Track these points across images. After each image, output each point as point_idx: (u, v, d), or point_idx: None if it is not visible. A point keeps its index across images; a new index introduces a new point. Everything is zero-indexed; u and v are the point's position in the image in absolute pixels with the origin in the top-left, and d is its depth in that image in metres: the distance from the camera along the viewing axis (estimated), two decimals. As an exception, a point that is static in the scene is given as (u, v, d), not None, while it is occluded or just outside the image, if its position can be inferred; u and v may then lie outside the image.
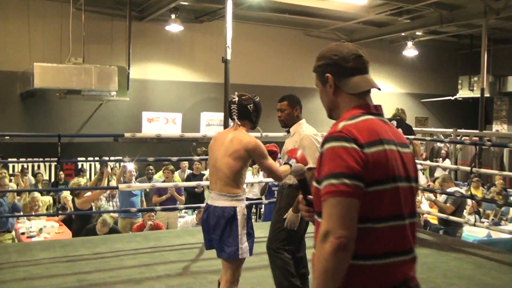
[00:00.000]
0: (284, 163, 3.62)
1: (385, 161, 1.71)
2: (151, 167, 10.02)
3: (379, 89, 1.92)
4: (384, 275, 1.70)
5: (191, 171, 10.85)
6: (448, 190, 7.45)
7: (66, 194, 9.15)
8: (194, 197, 9.88)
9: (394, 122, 7.48)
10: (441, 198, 7.34)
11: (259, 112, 3.76)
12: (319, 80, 1.96)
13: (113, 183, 11.11)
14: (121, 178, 8.60)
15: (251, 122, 3.73)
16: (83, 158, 12.29)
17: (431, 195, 7.57)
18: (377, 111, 1.88)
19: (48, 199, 9.77)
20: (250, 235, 3.51)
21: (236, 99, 3.68)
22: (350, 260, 1.64)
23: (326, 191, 1.65)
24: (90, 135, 14.27)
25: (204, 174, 9.78)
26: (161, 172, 9.92)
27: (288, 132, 4.19)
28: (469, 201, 8.27)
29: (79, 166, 13.71)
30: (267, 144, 3.80)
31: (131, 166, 8.61)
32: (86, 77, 12.27)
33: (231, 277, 3.45)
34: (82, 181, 8.99)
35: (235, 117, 3.65)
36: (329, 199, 1.64)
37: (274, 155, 3.80)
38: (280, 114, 4.20)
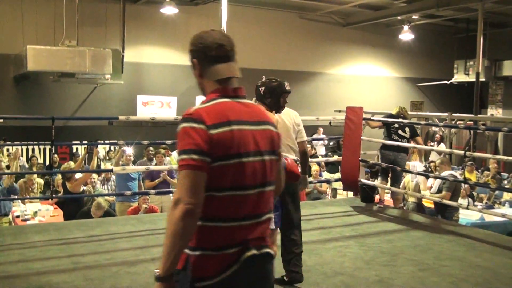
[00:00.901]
0: None
1: (230, 141, 1.96)
2: (151, 148, 9.97)
3: (239, 77, 2.15)
4: (225, 236, 1.97)
5: None
6: (443, 174, 7.49)
7: (59, 177, 9.16)
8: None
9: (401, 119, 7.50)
10: (436, 182, 7.38)
11: (272, 96, 4.02)
12: (191, 63, 2.20)
13: (108, 166, 11.12)
14: (120, 162, 8.60)
15: (264, 104, 3.91)
16: (78, 142, 12.25)
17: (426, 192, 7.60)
18: (235, 93, 2.09)
19: (42, 182, 9.78)
20: (277, 208, 3.63)
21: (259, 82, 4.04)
22: (196, 224, 1.91)
23: (180, 164, 1.92)
24: (84, 117, 14.19)
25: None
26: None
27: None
28: (462, 185, 8.32)
29: (74, 150, 13.67)
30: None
31: (129, 150, 8.60)
32: (80, 60, 12.19)
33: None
34: (73, 165, 9.00)
35: (254, 99, 3.94)
36: (181, 171, 1.91)
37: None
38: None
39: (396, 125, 7.45)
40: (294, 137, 4.30)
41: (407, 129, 7.48)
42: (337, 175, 9.94)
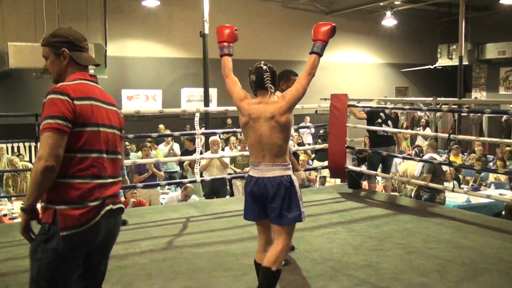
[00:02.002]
0: None
1: (90, 112, 2.40)
2: (127, 143, 9.97)
3: (98, 64, 2.81)
4: (87, 192, 2.37)
5: (185, 148, 10.75)
6: (424, 157, 7.58)
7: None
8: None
9: (383, 115, 7.57)
10: (419, 165, 7.45)
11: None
12: (53, 52, 2.55)
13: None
14: None
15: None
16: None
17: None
18: (92, 79, 2.57)
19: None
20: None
21: (265, 67, 3.52)
22: (53, 177, 2.29)
23: (44, 127, 2.29)
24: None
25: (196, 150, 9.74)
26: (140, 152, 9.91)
27: None
28: (448, 168, 8.41)
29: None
30: None
31: None
32: (63, 55, 12.06)
33: (287, 240, 3.43)
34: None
35: (269, 85, 3.49)
36: (45, 133, 2.28)
37: None
38: None
39: (379, 120, 7.55)
40: None
41: (390, 123, 7.59)
42: (326, 163, 9.99)
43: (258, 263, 3.50)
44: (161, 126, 14.33)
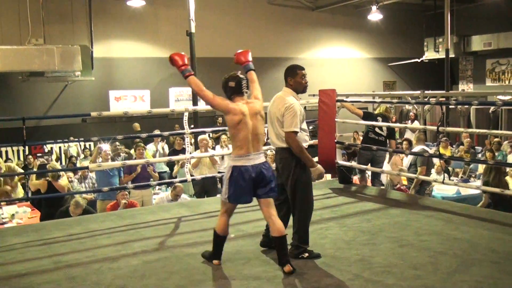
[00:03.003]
0: None
1: None
2: (117, 143, 9.92)
3: None
4: None
5: (173, 148, 10.72)
6: (415, 149, 7.60)
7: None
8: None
9: (380, 119, 7.58)
10: (408, 158, 7.49)
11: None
12: None
13: (84, 163, 11.00)
14: (97, 160, 8.54)
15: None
16: (51, 141, 12.10)
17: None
18: None
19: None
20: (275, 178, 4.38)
21: (243, 75, 4.25)
22: None
23: None
24: (56, 116, 14.02)
25: (185, 150, 9.70)
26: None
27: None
28: (437, 160, 8.45)
29: (47, 150, 13.50)
30: None
31: (106, 147, 8.54)
32: (48, 58, 12.01)
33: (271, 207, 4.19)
34: (58, 165, 8.95)
35: (246, 90, 4.21)
36: None
37: None
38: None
39: (373, 122, 7.57)
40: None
41: (384, 128, 7.57)
42: (316, 158, 9.99)
43: (223, 236, 4.28)
44: (136, 124, 14.27)
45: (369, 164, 7.63)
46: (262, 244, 4.65)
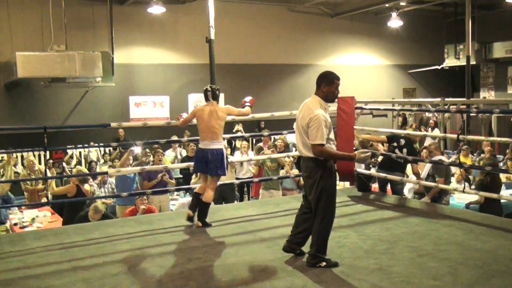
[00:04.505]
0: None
1: None
2: (147, 149, 9.99)
3: None
4: None
5: (186, 155, 10.76)
6: (434, 159, 7.51)
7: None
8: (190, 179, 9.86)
9: (403, 141, 7.50)
10: (426, 166, 7.40)
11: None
12: None
13: (104, 169, 11.07)
14: (127, 163, 8.55)
15: (217, 100, 6.01)
16: (71, 146, 12.19)
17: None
18: None
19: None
20: (227, 164, 6.08)
21: (209, 87, 5.99)
22: None
23: None
24: (76, 126, 14.19)
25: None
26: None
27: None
28: (456, 169, 8.34)
29: (67, 156, 13.62)
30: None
31: (138, 150, 8.61)
32: (70, 64, 12.17)
33: (215, 185, 5.97)
34: (85, 169, 9.05)
35: (211, 99, 5.94)
36: None
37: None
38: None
39: (395, 144, 7.49)
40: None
41: (404, 150, 7.46)
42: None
43: (198, 193, 5.91)
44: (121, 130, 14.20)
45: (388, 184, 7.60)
46: (284, 249, 4.65)
